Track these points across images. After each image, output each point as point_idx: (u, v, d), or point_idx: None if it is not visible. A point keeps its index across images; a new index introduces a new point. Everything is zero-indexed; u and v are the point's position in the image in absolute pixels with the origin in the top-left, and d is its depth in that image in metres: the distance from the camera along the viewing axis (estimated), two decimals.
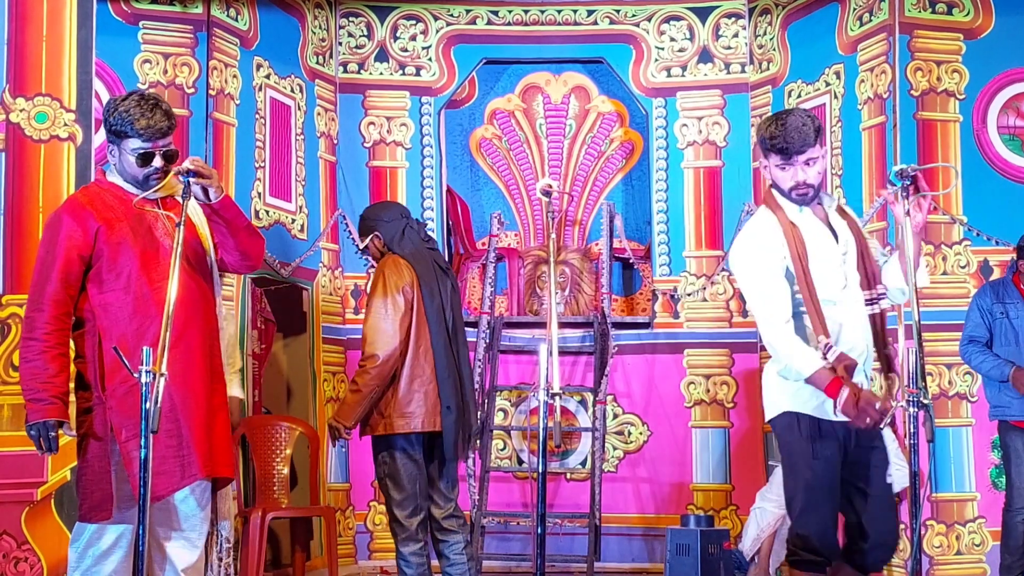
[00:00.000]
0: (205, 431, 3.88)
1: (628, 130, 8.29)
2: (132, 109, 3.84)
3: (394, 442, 5.18)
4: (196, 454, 3.84)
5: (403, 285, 5.19)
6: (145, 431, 3.43)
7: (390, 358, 5.12)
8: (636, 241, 8.19)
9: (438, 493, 5.29)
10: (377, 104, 7.89)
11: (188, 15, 6.59)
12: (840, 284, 4.10)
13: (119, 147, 3.90)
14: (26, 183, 5.04)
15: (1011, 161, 6.69)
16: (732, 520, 7.40)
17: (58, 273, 3.84)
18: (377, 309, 5.17)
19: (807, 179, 4.07)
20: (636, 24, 7.92)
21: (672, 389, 7.69)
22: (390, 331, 5.14)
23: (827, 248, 4.12)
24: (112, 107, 3.89)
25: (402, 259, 5.28)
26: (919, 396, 3.67)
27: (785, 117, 4.07)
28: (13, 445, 4.90)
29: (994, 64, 6.71)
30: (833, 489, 4.05)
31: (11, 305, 4.97)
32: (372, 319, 5.17)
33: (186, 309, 3.85)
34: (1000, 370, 5.99)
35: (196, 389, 3.89)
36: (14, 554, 4.92)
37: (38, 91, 5.10)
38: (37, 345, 3.83)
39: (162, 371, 3.43)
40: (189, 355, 3.89)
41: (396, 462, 5.18)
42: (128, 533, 3.86)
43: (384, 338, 5.13)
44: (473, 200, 8.36)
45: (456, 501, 5.35)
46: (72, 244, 3.84)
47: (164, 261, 3.84)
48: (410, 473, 5.17)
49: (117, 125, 3.86)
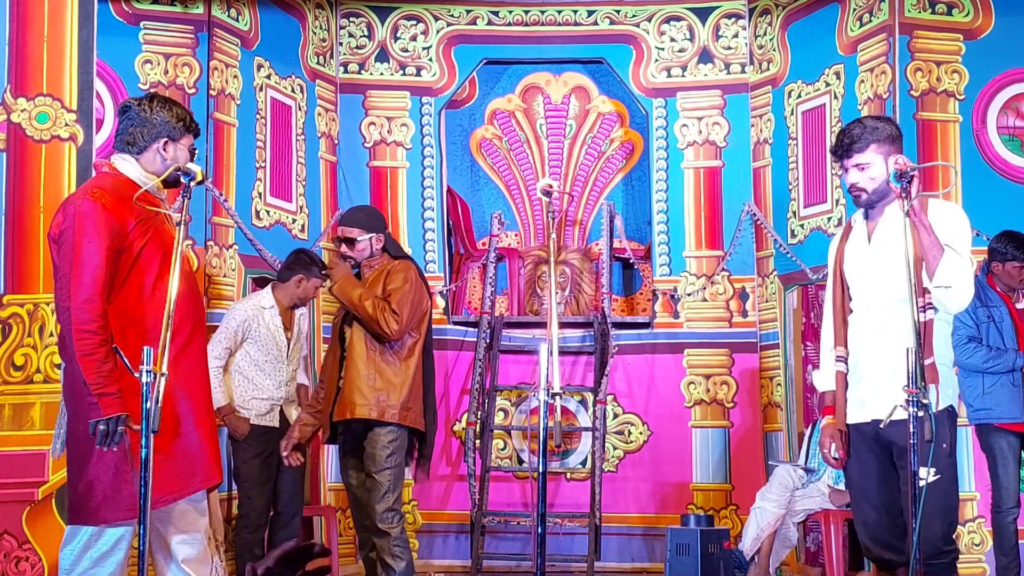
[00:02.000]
0: (214, 436, 3.96)
1: (628, 130, 8.29)
2: (176, 108, 4.00)
3: (408, 434, 5.34)
4: (211, 459, 3.90)
5: (425, 299, 5.42)
6: (145, 431, 3.44)
7: (403, 330, 5.29)
8: (636, 241, 8.20)
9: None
10: (378, 104, 7.90)
11: (189, 15, 6.59)
12: (862, 290, 4.19)
13: (175, 143, 3.98)
14: (27, 183, 5.05)
15: (1010, 161, 6.69)
16: (732, 520, 7.41)
17: (105, 264, 3.81)
18: (407, 292, 5.30)
19: (857, 182, 4.18)
20: (636, 24, 7.92)
21: (672, 389, 7.69)
22: (412, 317, 5.32)
23: (861, 253, 4.21)
24: (169, 104, 4.00)
25: (417, 269, 5.45)
26: (919, 396, 3.67)
27: (851, 123, 4.25)
28: (14, 445, 4.91)
29: (994, 64, 6.72)
30: (867, 490, 4.14)
31: (11, 305, 4.98)
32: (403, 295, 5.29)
33: (191, 312, 3.92)
34: (1012, 360, 5.97)
35: (207, 394, 3.97)
36: (15, 553, 4.92)
37: (39, 91, 5.10)
38: (94, 338, 3.77)
39: (162, 371, 3.44)
40: (200, 359, 3.95)
41: (403, 453, 5.33)
42: (128, 535, 3.87)
43: (409, 314, 5.29)
44: (473, 200, 8.37)
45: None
46: (113, 237, 3.82)
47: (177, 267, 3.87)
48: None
49: (186, 120, 3.98)
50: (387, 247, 5.49)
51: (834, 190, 7.10)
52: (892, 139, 4.19)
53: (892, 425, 3.93)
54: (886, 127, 4.20)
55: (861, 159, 4.16)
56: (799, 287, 7.34)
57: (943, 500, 4.08)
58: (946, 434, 4.08)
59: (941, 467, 4.06)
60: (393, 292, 5.28)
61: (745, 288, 7.70)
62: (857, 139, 4.15)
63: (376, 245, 5.44)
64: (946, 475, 4.08)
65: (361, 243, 5.42)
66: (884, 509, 4.16)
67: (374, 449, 5.26)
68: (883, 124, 4.22)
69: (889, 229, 4.16)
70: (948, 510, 4.11)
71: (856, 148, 4.16)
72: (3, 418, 4.94)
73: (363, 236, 5.43)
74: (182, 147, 3.99)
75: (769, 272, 7.59)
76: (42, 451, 4.90)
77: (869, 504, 4.18)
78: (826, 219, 7.19)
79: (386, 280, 5.35)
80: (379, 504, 5.23)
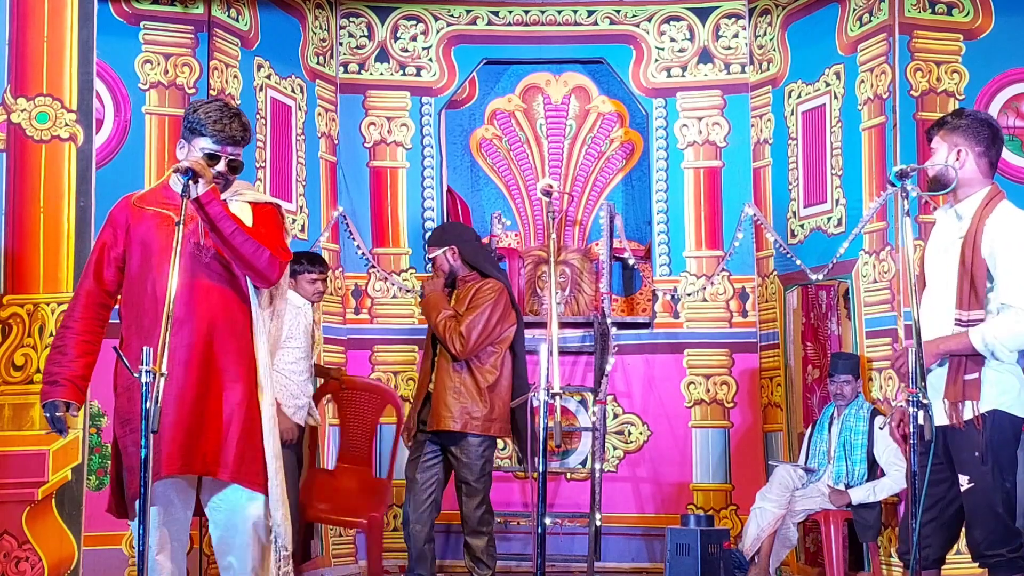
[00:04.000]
0: (184, 428, 3.89)
1: (628, 130, 8.29)
2: (212, 112, 4.04)
3: (494, 444, 5.96)
4: (164, 451, 3.84)
5: (506, 321, 5.86)
6: (145, 431, 3.45)
7: (469, 351, 5.74)
8: (636, 241, 8.19)
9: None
10: (378, 104, 7.90)
11: (189, 15, 6.59)
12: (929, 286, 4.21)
13: (189, 144, 4.06)
14: (27, 183, 5.05)
15: (1011, 161, 6.69)
16: (732, 520, 7.41)
17: (91, 267, 4.06)
18: (481, 315, 5.78)
19: (926, 168, 4.29)
20: (636, 24, 7.92)
21: (672, 389, 7.70)
22: (483, 339, 5.79)
23: (934, 247, 4.26)
24: (194, 107, 4.10)
25: (508, 292, 5.90)
26: (919, 396, 3.67)
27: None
28: (14, 445, 4.91)
29: (994, 65, 6.71)
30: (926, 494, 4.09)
31: (12, 305, 4.98)
32: (475, 317, 5.76)
33: (192, 306, 3.93)
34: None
35: (186, 385, 3.91)
36: (15, 553, 4.92)
37: (39, 91, 5.10)
38: (64, 332, 4.03)
39: (162, 371, 3.45)
40: (187, 352, 3.92)
41: (493, 458, 6.01)
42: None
43: (480, 336, 5.77)
44: (473, 200, 8.37)
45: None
46: (102, 239, 4.07)
47: (185, 258, 3.94)
48: None
49: (194, 122, 4.04)
50: (473, 262, 5.96)
51: (834, 190, 7.10)
52: (959, 130, 4.20)
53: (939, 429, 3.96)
54: (958, 118, 4.25)
55: (933, 145, 4.27)
56: (799, 287, 7.34)
57: (981, 509, 4.04)
58: (979, 440, 4.04)
59: (975, 475, 4.04)
60: (468, 313, 5.77)
61: (745, 288, 7.70)
62: (933, 127, 4.27)
63: (453, 258, 5.94)
64: (981, 483, 4.03)
65: (438, 259, 5.98)
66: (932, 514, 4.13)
67: (469, 459, 5.84)
68: (958, 115, 4.28)
69: (963, 225, 4.18)
70: (987, 518, 4.04)
71: (930, 135, 4.29)
72: (3, 418, 4.94)
73: (435, 252, 6.00)
74: (195, 148, 4.04)
75: (769, 272, 7.59)
76: (42, 451, 4.91)
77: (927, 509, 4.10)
78: (826, 219, 7.19)
79: (470, 300, 5.83)
80: (478, 509, 5.83)
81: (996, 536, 4.04)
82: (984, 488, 4.02)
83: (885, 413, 6.44)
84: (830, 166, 7.13)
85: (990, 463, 4.03)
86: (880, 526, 6.46)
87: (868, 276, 6.78)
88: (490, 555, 5.89)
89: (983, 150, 4.22)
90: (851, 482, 6.46)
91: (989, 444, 4.03)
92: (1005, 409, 4.07)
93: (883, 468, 6.42)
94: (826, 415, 6.71)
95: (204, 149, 4.02)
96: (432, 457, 5.96)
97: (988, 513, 4.04)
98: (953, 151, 4.19)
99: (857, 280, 6.85)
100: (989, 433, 4.04)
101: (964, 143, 4.19)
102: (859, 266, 6.84)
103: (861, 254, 6.84)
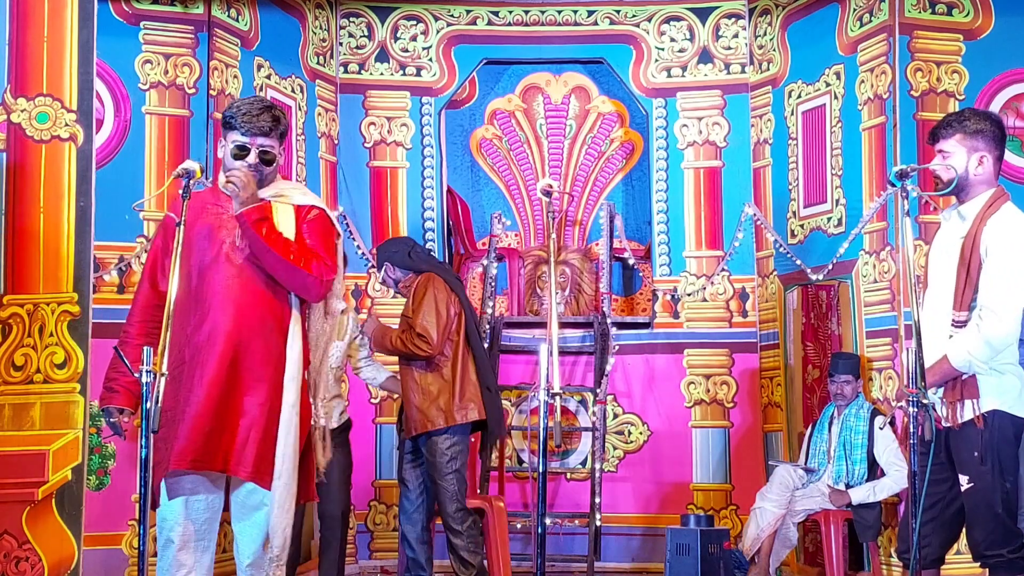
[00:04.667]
0: (202, 426, 3.91)
1: (628, 130, 8.29)
2: (243, 105, 4.11)
3: (464, 441, 5.82)
4: (175, 447, 3.87)
5: (448, 304, 5.78)
6: (145, 431, 3.45)
7: (439, 343, 5.73)
8: (636, 241, 8.20)
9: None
10: (378, 104, 7.90)
11: (189, 15, 6.59)
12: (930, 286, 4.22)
13: (225, 140, 4.14)
14: (27, 183, 5.04)
15: (1011, 161, 6.69)
16: (732, 520, 7.41)
17: (147, 272, 4.16)
18: (423, 308, 5.72)
19: (935, 169, 4.24)
20: (636, 24, 7.92)
21: (672, 389, 7.70)
22: (443, 326, 5.73)
23: (938, 249, 4.26)
24: (229, 104, 4.21)
25: (437, 276, 5.82)
26: (918, 396, 3.67)
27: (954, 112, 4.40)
28: (14, 445, 4.91)
29: (994, 65, 6.71)
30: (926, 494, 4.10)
31: (12, 305, 4.98)
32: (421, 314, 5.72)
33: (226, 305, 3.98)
34: None
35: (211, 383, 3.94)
36: (15, 554, 4.92)
37: (39, 91, 5.10)
38: (124, 338, 4.12)
39: (162, 371, 3.46)
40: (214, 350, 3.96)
41: (465, 454, 5.84)
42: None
43: (437, 325, 5.71)
44: (473, 200, 8.37)
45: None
46: (156, 244, 4.17)
47: (221, 259, 4.02)
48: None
49: (227, 117, 4.11)
50: (408, 266, 5.92)
51: (834, 190, 7.10)
52: (980, 134, 4.17)
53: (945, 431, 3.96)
54: (977, 122, 4.19)
55: (945, 146, 4.20)
56: (799, 287, 7.34)
57: (981, 509, 4.05)
58: (979, 440, 4.04)
59: (975, 475, 4.04)
60: (413, 314, 5.73)
61: (745, 288, 7.70)
62: (945, 126, 4.20)
63: (392, 273, 5.96)
64: (981, 483, 4.04)
65: (386, 280, 6.05)
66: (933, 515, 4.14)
67: (433, 458, 5.77)
68: (976, 118, 4.21)
69: (965, 226, 4.17)
70: (987, 518, 4.05)
71: (942, 135, 4.20)
72: (3, 418, 4.94)
73: (380, 276, 6.08)
74: (228, 142, 4.13)
75: (769, 272, 7.59)
76: (42, 451, 4.90)
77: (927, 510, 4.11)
78: (826, 219, 7.19)
79: (412, 300, 5.81)
80: (449, 506, 5.75)
81: (996, 536, 4.04)
82: (984, 488, 4.02)
83: (885, 413, 6.45)
84: (830, 166, 7.13)
85: (990, 463, 4.03)
86: (880, 526, 6.46)
87: (868, 276, 6.78)
88: (473, 553, 5.83)
89: (1000, 154, 4.22)
90: (851, 482, 6.46)
91: (989, 444, 4.03)
92: (1005, 409, 4.07)
93: (883, 468, 6.42)
94: (826, 415, 6.71)
95: (235, 142, 4.09)
96: (415, 459, 6.00)
97: (988, 513, 4.04)
98: (974, 155, 4.16)
99: (857, 280, 6.85)
100: (989, 433, 4.04)
101: (986, 148, 4.17)
102: (859, 266, 6.84)
103: (861, 254, 6.84)
